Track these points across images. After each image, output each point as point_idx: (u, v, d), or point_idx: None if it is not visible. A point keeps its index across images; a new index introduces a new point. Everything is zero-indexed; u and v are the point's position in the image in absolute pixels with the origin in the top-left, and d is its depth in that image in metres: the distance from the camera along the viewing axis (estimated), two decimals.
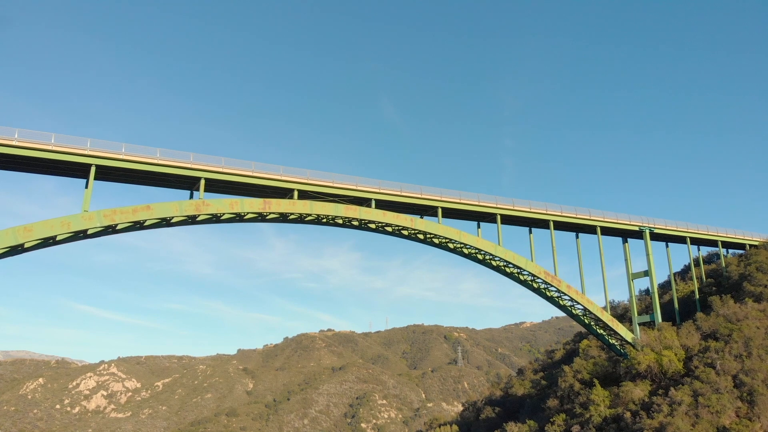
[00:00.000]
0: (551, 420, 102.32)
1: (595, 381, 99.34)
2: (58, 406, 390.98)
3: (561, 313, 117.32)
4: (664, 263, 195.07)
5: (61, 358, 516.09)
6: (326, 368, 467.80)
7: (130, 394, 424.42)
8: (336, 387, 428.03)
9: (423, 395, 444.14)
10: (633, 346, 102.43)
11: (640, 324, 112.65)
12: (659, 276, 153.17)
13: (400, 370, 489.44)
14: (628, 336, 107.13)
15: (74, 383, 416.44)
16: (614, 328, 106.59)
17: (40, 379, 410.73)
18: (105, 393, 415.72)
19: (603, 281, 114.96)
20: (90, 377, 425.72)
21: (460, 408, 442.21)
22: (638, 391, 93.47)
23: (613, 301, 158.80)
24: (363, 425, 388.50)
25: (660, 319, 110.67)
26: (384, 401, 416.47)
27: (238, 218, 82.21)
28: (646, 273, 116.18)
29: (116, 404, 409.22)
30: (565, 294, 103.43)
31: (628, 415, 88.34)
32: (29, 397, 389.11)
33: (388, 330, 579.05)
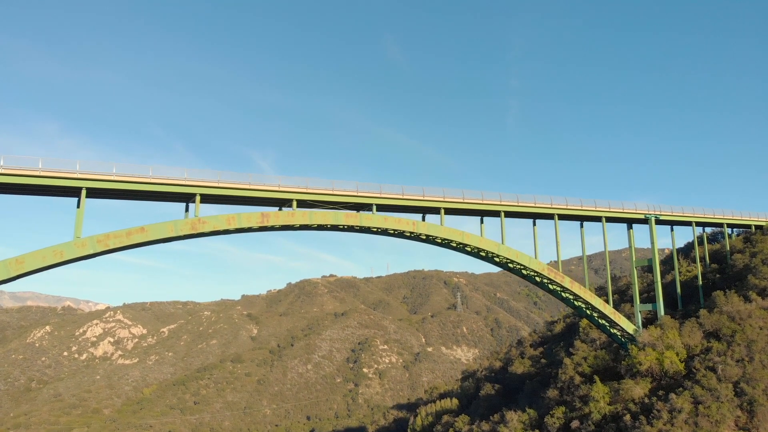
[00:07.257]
0: (551, 412, 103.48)
1: (596, 378, 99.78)
2: (65, 353, 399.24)
3: None
4: (669, 240, 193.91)
5: (66, 304, 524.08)
6: (329, 314, 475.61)
7: (136, 340, 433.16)
8: (338, 332, 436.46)
9: (423, 340, 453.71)
10: (635, 343, 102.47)
11: (641, 311, 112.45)
12: (662, 252, 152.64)
13: (401, 315, 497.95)
14: (629, 328, 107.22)
15: (81, 330, 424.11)
16: (616, 320, 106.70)
17: (47, 327, 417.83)
18: (112, 340, 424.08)
19: (607, 271, 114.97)
20: (96, 324, 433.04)
21: (459, 353, 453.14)
22: (638, 389, 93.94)
23: (615, 275, 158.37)
24: (365, 370, 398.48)
25: (662, 311, 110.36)
26: (385, 346, 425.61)
27: (237, 231, 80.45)
28: (650, 261, 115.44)
29: (123, 350, 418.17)
30: (568, 289, 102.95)
31: (627, 417, 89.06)
32: (37, 345, 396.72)
33: (389, 275, 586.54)
